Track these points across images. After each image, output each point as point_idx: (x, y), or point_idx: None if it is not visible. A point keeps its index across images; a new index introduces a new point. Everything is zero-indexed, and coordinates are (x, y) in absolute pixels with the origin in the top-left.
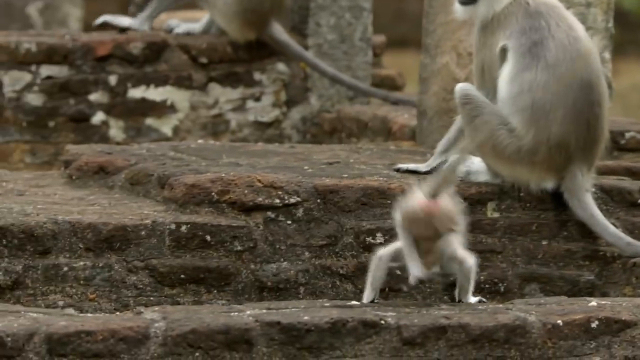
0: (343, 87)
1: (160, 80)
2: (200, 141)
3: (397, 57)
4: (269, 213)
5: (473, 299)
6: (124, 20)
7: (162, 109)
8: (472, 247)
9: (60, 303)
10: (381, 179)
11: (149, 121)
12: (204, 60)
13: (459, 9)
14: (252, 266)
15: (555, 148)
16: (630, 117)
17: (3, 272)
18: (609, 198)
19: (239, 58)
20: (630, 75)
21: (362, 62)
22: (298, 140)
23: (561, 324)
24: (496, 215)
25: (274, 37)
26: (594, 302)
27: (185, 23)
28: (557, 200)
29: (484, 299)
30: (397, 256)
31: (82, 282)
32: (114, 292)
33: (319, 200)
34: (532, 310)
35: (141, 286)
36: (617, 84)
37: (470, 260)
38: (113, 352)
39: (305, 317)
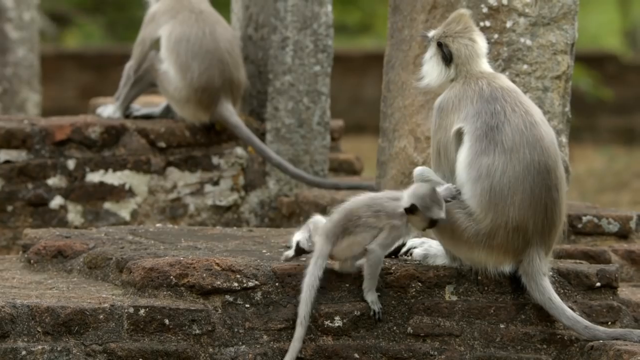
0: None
1: (118, 165)
2: (158, 225)
3: (355, 141)
4: (227, 296)
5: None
6: (106, 111)
7: (120, 193)
8: (430, 330)
9: None
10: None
11: (107, 205)
12: (162, 144)
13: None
14: (211, 350)
15: (513, 232)
16: (587, 202)
17: None
18: (566, 282)
19: (197, 142)
20: (586, 161)
21: (320, 146)
22: (256, 224)
23: None
24: (454, 298)
25: (225, 118)
26: None
27: (146, 107)
28: (514, 284)
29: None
30: None
31: None
32: None
33: (277, 284)
34: None
35: None
36: (574, 170)
37: (378, 251)
38: None
39: None
